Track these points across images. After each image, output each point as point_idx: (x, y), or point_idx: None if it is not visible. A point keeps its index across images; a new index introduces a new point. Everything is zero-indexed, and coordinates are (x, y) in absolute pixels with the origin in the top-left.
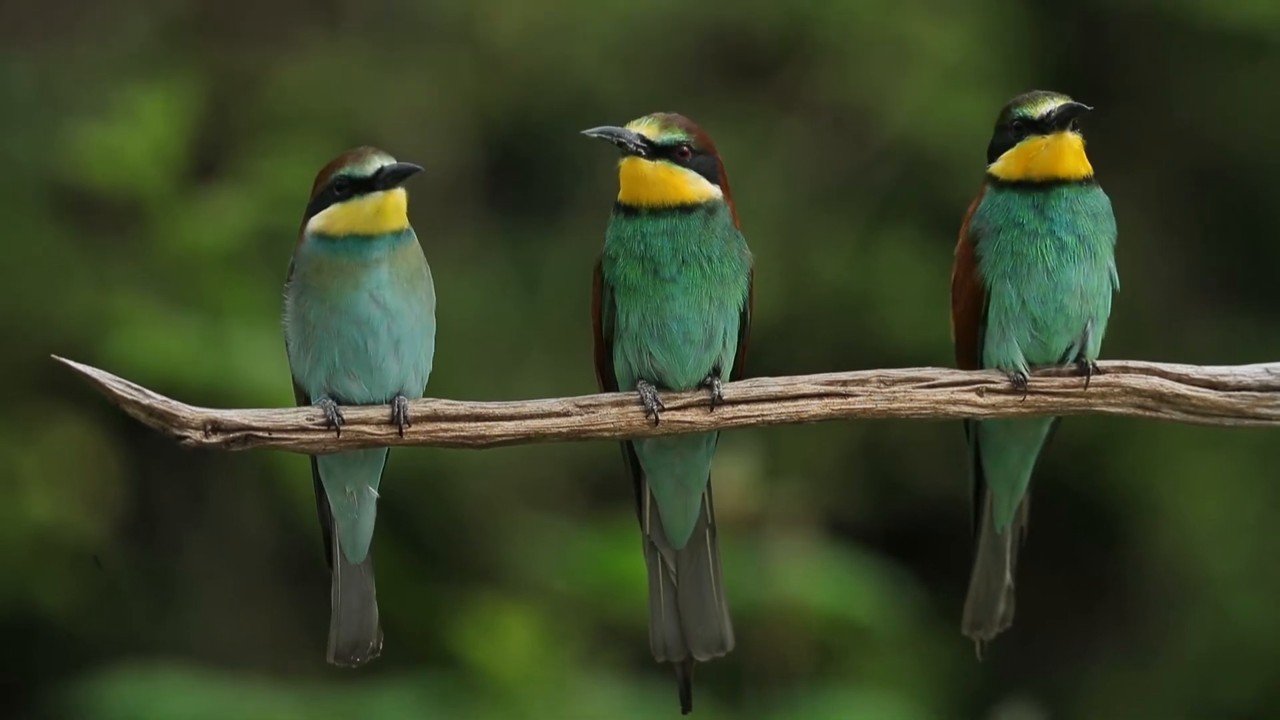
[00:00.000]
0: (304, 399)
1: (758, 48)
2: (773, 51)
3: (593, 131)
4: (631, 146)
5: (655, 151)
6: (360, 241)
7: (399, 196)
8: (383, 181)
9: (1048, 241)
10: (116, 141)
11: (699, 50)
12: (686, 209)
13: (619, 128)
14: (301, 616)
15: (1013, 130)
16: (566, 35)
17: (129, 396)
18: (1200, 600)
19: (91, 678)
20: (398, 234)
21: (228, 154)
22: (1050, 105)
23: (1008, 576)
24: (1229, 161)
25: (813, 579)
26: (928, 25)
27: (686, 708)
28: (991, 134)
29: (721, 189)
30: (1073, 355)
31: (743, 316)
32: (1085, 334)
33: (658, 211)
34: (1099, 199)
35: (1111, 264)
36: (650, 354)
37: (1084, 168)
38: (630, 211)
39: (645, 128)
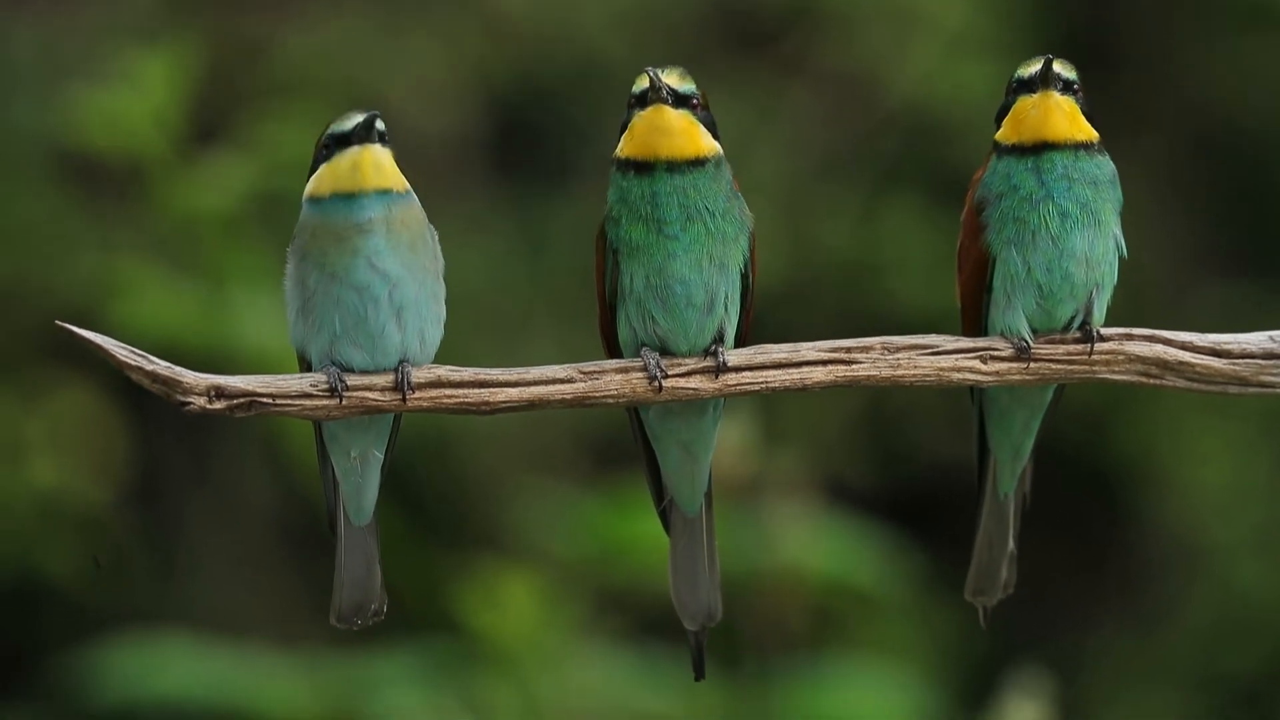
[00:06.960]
0: (306, 367)
1: (763, 15)
2: (778, 19)
3: (650, 70)
4: (665, 93)
5: (678, 100)
6: (346, 201)
7: (375, 152)
8: (357, 135)
9: (1049, 208)
10: (117, 105)
11: (704, 17)
12: (699, 162)
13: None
14: (305, 582)
15: (1011, 92)
16: (572, 1)
17: (133, 362)
18: (1204, 568)
19: (95, 645)
20: (387, 194)
21: (229, 119)
22: (1038, 65)
23: (1010, 543)
24: (1234, 130)
25: (813, 544)
26: None
27: (699, 675)
28: (997, 103)
29: None
30: (1077, 322)
31: (744, 279)
32: (1091, 301)
33: (674, 167)
34: (1100, 166)
35: (1118, 231)
36: (653, 318)
37: (1078, 132)
38: (641, 168)
39: (668, 76)
